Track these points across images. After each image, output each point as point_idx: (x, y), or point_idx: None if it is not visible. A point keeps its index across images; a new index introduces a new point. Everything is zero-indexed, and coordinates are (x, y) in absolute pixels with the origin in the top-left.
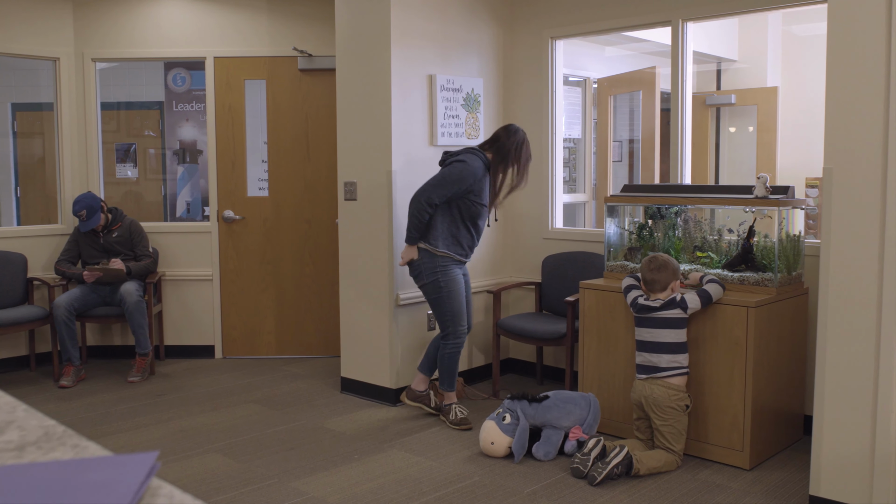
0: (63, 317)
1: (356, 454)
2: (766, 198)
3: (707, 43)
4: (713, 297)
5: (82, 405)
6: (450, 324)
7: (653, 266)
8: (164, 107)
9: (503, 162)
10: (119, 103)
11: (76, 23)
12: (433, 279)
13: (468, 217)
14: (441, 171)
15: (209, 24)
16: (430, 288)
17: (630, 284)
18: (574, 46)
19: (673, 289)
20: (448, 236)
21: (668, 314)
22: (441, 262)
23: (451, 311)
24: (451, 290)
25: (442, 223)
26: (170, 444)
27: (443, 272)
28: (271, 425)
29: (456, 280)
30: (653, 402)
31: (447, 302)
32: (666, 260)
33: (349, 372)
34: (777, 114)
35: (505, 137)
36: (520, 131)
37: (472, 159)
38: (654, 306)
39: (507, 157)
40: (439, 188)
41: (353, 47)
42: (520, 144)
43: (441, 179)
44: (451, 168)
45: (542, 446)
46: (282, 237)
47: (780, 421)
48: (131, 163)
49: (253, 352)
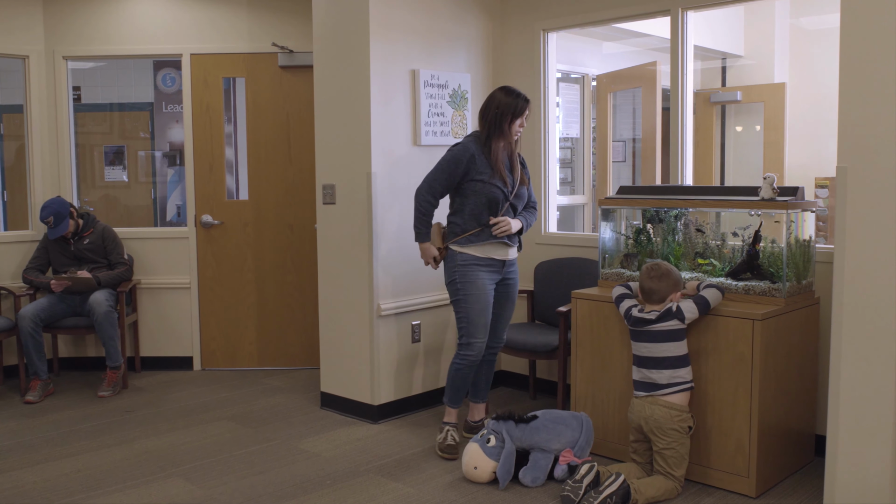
0: (29, 328)
1: (329, 480)
2: (774, 200)
3: (711, 38)
4: (711, 303)
5: (46, 422)
6: (463, 332)
7: (654, 274)
8: (154, 108)
9: (485, 129)
10: (107, 105)
11: (47, 19)
12: (451, 279)
13: (486, 200)
14: None
15: (185, 20)
16: (450, 288)
17: (622, 294)
18: (572, 42)
19: (671, 300)
20: (473, 223)
21: (665, 326)
22: (461, 261)
23: (466, 317)
24: (468, 293)
25: (462, 216)
26: (130, 467)
27: (462, 273)
28: (242, 446)
29: (477, 284)
30: (653, 423)
31: (463, 307)
32: (668, 269)
33: (329, 387)
34: (785, 111)
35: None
36: (493, 91)
37: (464, 140)
38: (649, 318)
39: (484, 123)
40: (435, 174)
41: (331, 42)
42: (487, 104)
43: (436, 166)
44: (446, 153)
45: (530, 471)
46: (263, 243)
47: (789, 443)
48: (120, 166)
49: (233, 363)
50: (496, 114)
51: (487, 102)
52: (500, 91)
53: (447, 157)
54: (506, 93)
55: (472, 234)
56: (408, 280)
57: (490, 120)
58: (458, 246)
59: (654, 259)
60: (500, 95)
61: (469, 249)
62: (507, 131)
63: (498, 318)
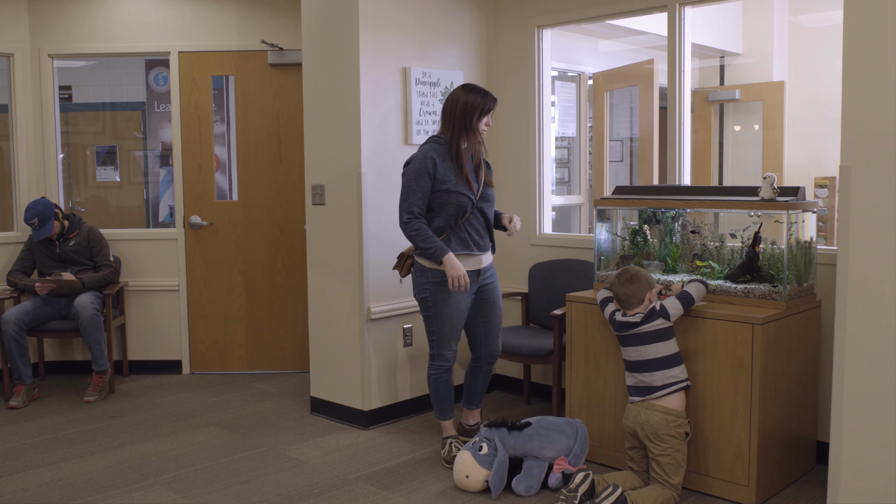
0: (12, 332)
1: (316, 489)
2: (774, 200)
3: (709, 36)
4: (695, 297)
5: (29, 429)
6: (434, 345)
7: (623, 280)
8: (146, 107)
9: (449, 130)
10: (99, 104)
11: (32, 17)
12: (422, 296)
13: (454, 211)
14: (403, 172)
15: (173, 17)
16: (420, 304)
17: (606, 297)
18: (567, 40)
19: (650, 300)
20: (456, 238)
21: (652, 327)
22: (432, 278)
23: (437, 332)
24: (440, 311)
25: (431, 230)
26: (112, 475)
27: (432, 290)
28: (229, 453)
29: (449, 303)
30: (649, 429)
31: (434, 323)
32: (635, 271)
33: (319, 391)
34: (784, 110)
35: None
36: (454, 90)
37: (420, 149)
38: (634, 321)
39: (449, 123)
40: (407, 196)
41: (320, 38)
42: (452, 103)
43: (404, 189)
44: (406, 170)
45: (523, 480)
46: (253, 244)
47: (789, 449)
48: (112, 166)
49: (223, 367)
50: (463, 112)
51: (451, 101)
52: (463, 89)
53: (410, 174)
54: (470, 90)
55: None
56: (398, 283)
57: (456, 119)
58: (428, 261)
59: (650, 261)
60: (464, 94)
61: (440, 267)
62: (475, 129)
63: (486, 327)
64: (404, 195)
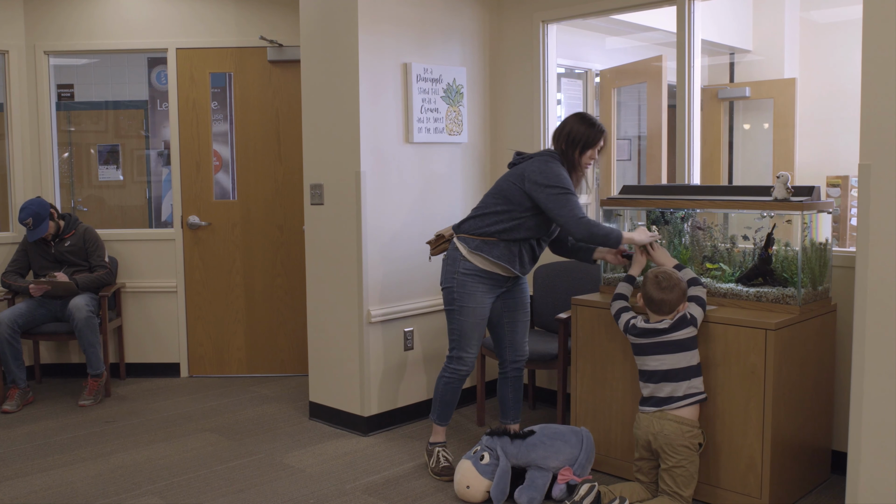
0: (6, 335)
1: (312, 498)
2: (788, 200)
3: (718, 32)
4: (704, 299)
5: (22, 434)
6: (454, 345)
7: (663, 285)
8: (149, 106)
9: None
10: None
11: (27, 13)
12: (448, 285)
13: (535, 234)
14: (547, 192)
15: (171, 13)
16: (445, 295)
17: (622, 308)
18: (574, 36)
19: (679, 310)
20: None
21: (681, 335)
22: (462, 269)
23: (459, 329)
24: (464, 305)
25: (498, 223)
26: (103, 483)
27: (460, 282)
28: (224, 460)
29: (475, 297)
30: (663, 439)
31: (457, 318)
32: (677, 279)
33: (318, 396)
34: (795, 107)
35: None
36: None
37: (550, 156)
38: (661, 328)
39: (558, 150)
40: (569, 200)
41: (319, 34)
42: (560, 130)
43: (559, 194)
44: (549, 184)
45: (526, 491)
46: (252, 244)
47: (803, 459)
48: (115, 165)
49: (221, 370)
50: (567, 142)
51: (560, 127)
52: (574, 117)
53: (559, 178)
54: (580, 120)
55: (489, 242)
56: (399, 285)
57: (562, 149)
58: (465, 248)
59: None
60: (573, 122)
61: (476, 259)
62: (576, 162)
63: (513, 327)
64: (565, 200)
